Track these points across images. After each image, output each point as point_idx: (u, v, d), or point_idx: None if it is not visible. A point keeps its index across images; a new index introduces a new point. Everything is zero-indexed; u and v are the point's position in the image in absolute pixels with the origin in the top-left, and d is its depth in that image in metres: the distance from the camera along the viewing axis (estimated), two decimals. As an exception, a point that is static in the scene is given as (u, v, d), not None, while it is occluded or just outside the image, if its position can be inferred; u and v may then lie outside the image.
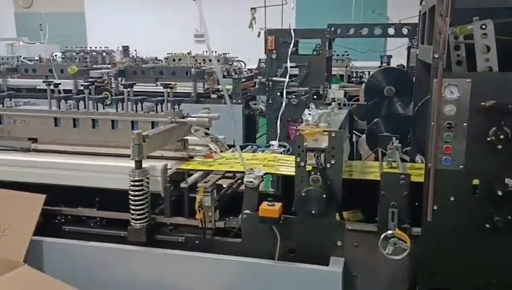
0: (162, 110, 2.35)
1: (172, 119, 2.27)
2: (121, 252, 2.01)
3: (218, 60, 8.06)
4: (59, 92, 2.55)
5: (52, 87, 2.50)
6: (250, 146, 2.71)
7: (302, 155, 1.87)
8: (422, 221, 1.83)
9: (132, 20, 11.56)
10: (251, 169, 2.02)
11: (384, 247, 1.81)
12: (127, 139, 2.28)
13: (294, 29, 4.09)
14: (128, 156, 2.27)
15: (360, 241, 1.94)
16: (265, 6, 6.13)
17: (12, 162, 2.30)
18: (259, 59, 7.25)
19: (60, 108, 2.44)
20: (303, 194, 1.87)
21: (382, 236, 1.81)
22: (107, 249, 2.04)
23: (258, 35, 6.61)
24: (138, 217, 2.00)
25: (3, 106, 2.48)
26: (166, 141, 2.22)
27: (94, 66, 6.95)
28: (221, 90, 5.96)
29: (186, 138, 2.40)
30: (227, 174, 2.27)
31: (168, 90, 2.37)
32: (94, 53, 7.96)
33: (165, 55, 8.31)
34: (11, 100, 2.51)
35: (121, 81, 6.17)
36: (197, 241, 2.05)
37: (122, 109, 2.39)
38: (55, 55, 8.18)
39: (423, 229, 1.85)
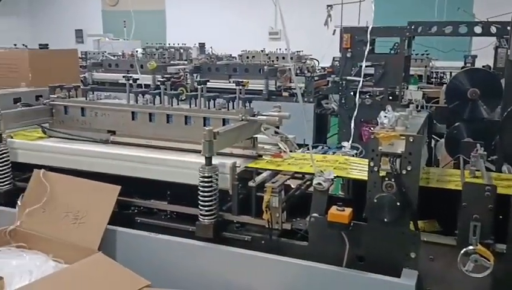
0: (233, 108, 2.35)
1: (243, 117, 2.26)
2: (189, 247, 2.04)
3: (291, 58, 8.04)
4: (139, 86, 2.65)
5: (131, 81, 2.59)
6: (320, 147, 2.64)
7: (376, 160, 1.78)
8: (508, 237, 1.67)
9: (209, 18, 11.85)
10: (321, 171, 1.96)
11: (464, 263, 1.67)
12: (199, 135, 2.35)
13: (371, 27, 3.93)
14: (199, 151, 2.32)
15: (436, 255, 1.81)
16: (342, 4, 6.00)
17: (92, 153, 2.42)
18: (333, 57, 7.11)
19: (137, 102, 2.53)
20: (375, 200, 1.78)
21: (462, 251, 1.68)
22: (176, 243, 2.08)
23: (333, 33, 6.47)
24: (206, 213, 2.02)
25: (86, 99, 2.61)
26: (237, 139, 2.22)
27: (172, 62, 7.18)
28: (293, 88, 5.93)
29: (255, 136, 2.39)
30: (295, 175, 2.23)
31: (240, 88, 2.37)
32: (172, 50, 8.23)
33: (240, 52, 8.44)
34: (93, 93, 2.64)
35: (196, 77, 6.35)
36: (263, 242, 2.03)
37: (196, 105, 2.44)
38: (136, 51, 8.59)
39: (509, 247, 1.69)
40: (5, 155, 2.36)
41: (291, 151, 2.40)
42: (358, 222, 1.85)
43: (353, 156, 2.40)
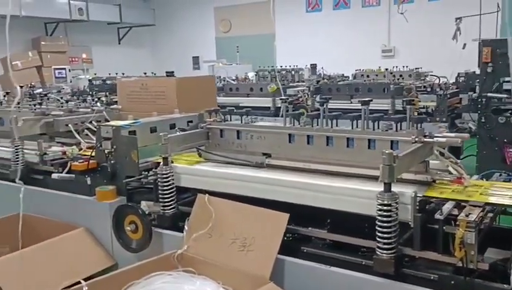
0: (399, 129, 2.18)
1: (416, 139, 2.07)
2: (367, 283, 1.88)
3: (410, 76, 7.64)
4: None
5: (286, 104, 2.54)
6: (498, 174, 2.34)
7: None
8: None
9: (318, 38, 11.82)
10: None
11: None
12: (362, 159, 2.20)
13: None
14: (366, 177, 2.17)
15: None
16: (480, 14, 5.54)
17: (248, 178, 2.38)
18: (458, 73, 6.62)
19: (294, 124, 2.46)
20: None
21: None
22: (352, 277, 1.92)
23: (463, 47, 5.99)
24: (385, 246, 1.84)
25: (241, 122, 2.61)
26: (412, 163, 2.03)
27: (291, 84, 7.20)
28: (422, 108, 5.57)
29: (427, 159, 2.17)
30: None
31: (409, 107, 2.19)
32: (284, 72, 8.29)
33: (352, 71, 8.23)
34: (247, 116, 2.63)
35: (315, 98, 6.27)
36: (452, 282, 1.79)
37: (317, 125, 2.37)
38: (248, 75, 8.80)
39: None
40: (170, 179, 2.41)
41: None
42: None
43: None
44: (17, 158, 3.04)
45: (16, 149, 3.04)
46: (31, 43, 11.50)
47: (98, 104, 3.62)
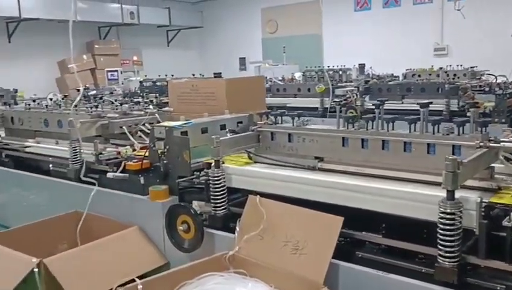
0: (461, 132, 2.07)
1: (481, 144, 1.96)
2: (427, 292, 1.79)
3: (464, 75, 7.32)
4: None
5: (339, 106, 2.48)
6: None
7: None
8: None
9: (366, 38, 11.56)
10: None
11: None
12: (421, 164, 2.11)
13: None
14: (424, 182, 2.08)
15: None
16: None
17: (300, 180, 2.34)
18: (513, 70, 6.27)
19: (347, 128, 2.40)
20: None
21: None
22: (411, 285, 1.84)
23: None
24: (448, 254, 1.75)
25: (293, 125, 2.57)
26: (477, 169, 1.92)
27: (339, 84, 7.08)
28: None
29: (492, 165, 2.05)
30: None
31: (473, 110, 2.08)
32: (331, 72, 8.17)
33: (402, 71, 7.98)
34: (299, 118, 2.59)
35: (364, 98, 6.13)
36: (521, 294, 1.68)
37: (372, 128, 2.28)
38: (295, 75, 8.72)
39: None
40: (222, 180, 2.41)
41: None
42: None
43: None
44: (75, 158, 3.15)
45: (74, 149, 3.15)
46: (85, 46, 11.96)
47: (151, 106, 3.69)
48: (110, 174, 2.98)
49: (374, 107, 2.35)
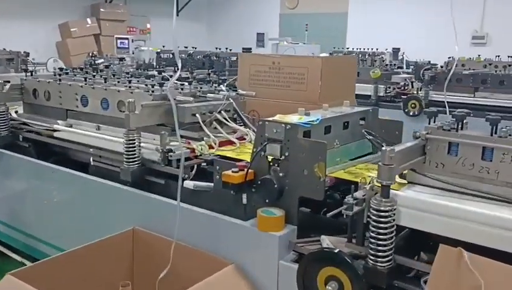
0: None
1: None
2: None
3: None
4: None
5: None
6: None
7: None
8: None
9: (397, 20, 10.69)
10: None
11: None
12: None
13: None
14: None
15: None
16: None
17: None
18: None
19: None
20: None
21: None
22: None
23: None
24: None
25: (492, 134, 1.73)
26: None
27: (395, 70, 6.26)
28: None
29: None
30: None
31: None
32: (360, 55, 7.37)
33: (435, 59, 7.17)
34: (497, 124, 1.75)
35: (430, 88, 5.37)
36: None
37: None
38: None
39: None
40: (390, 218, 1.57)
41: None
42: None
43: None
44: (133, 154, 2.28)
45: (132, 143, 2.28)
46: (89, 9, 10.82)
47: (222, 87, 2.80)
48: (189, 183, 2.12)
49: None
